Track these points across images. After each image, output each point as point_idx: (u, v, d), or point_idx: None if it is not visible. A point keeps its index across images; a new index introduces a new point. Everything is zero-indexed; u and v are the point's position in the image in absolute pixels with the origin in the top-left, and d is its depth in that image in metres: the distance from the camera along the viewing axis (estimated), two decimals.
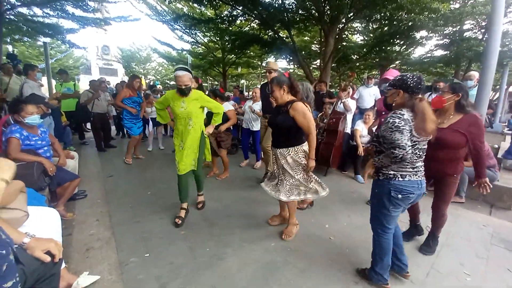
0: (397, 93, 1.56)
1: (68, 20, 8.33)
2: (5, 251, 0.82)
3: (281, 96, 2.03)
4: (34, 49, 18.15)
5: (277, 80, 2.03)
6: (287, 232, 2.28)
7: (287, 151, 2.09)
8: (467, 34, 10.44)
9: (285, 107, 2.03)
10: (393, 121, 1.47)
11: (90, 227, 2.40)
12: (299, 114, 1.98)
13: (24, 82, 3.75)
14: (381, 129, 1.59)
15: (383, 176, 1.61)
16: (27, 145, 2.32)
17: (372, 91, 5.56)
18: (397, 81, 1.56)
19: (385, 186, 1.60)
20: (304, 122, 1.99)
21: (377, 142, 1.63)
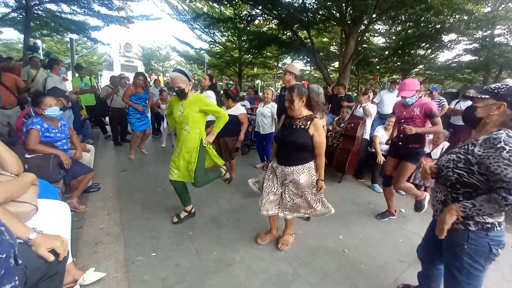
0: (498, 106, 1.13)
1: (94, 17, 8.63)
2: (6, 254, 0.79)
3: (299, 107, 1.86)
4: (62, 45, 19.08)
5: (299, 89, 1.85)
6: (284, 242, 2.16)
7: (302, 168, 1.90)
8: (497, 40, 9.76)
9: (301, 121, 1.87)
10: (511, 149, 1.02)
11: (101, 221, 2.41)
12: (318, 133, 1.84)
13: (47, 76, 3.88)
14: (476, 151, 1.11)
15: (477, 226, 1.15)
16: (46, 137, 2.36)
17: (395, 95, 5.26)
18: (502, 90, 1.13)
19: (482, 241, 1.16)
20: (320, 142, 1.86)
21: (466, 169, 1.14)
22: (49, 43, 17.62)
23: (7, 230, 0.86)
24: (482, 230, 1.15)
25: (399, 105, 2.65)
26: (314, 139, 1.85)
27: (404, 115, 2.52)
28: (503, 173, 1.03)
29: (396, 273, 1.98)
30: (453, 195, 1.21)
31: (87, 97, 5.32)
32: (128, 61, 23.01)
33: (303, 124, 1.85)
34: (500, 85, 1.17)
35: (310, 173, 1.92)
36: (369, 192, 3.70)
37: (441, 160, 1.28)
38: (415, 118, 2.44)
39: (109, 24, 8.99)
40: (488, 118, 1.17)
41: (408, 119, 2.49)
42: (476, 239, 1.16)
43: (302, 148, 1.87)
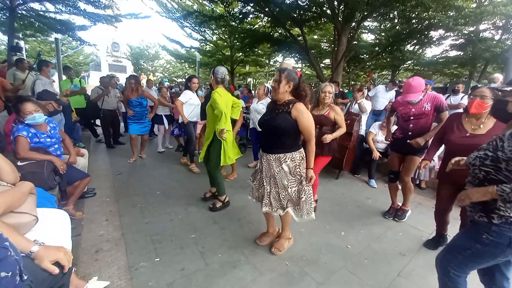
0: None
1: (80, 16, 8.32)
2: (12, 272, 0.75)
3: (283, 91, 1.76)
4: (45, 45, 18.43)
5: (289, 73, 1.76)
6: (277, 246, 2.06)
7: (283, 157, 1.81)
8: (483, 35, 10.06)
9: (283, 106, 1.78)
10: None
11: (99, 227, 2.34)
12: (303, 116, 1.72)
13: (36, 79, 3.72)
14: (506, 147, 1.07)
15: (501, 220, 1.12)
16: (36, 143, 2.25)
17: (390, 94, 5.38)
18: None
19: (504, 235, 1.12)
20: (307, 125, 1.74)
21: (493, 166, 1.10)
22: (33, 43, 16.99)
23: (11, 246, 0.81)
24: (505, 224, 1.12)
25: (403, 103, 2.49)
26: (299, 123, 1.73)
27: (414, 112, 2.40)
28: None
29: (399, 267, 2.01)
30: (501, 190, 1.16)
31: (76, 99, 5.15)
32: (116, 61, 22.41)
33: (285, 108, 1.76)
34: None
35: (294, 163, 1.82)
36: (366, 187, 3.75)
37: (469, 158, 1.25)
38: (426, 114, 2.36)
39: (96, 23, 8.71)
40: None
41: (418, 116, 2.39)
42: (498, 232, 1.13)
43: (284, 134, 1.78)
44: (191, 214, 2.65)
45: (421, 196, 3.47)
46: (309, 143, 1.80)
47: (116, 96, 5.34)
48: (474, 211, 1.22)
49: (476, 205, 1.20)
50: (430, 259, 2.13)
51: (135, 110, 4.15)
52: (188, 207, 2.77)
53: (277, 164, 1.84)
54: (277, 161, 1.83)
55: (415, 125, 2.44)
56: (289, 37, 8.49)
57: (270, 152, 1.87)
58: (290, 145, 1.82)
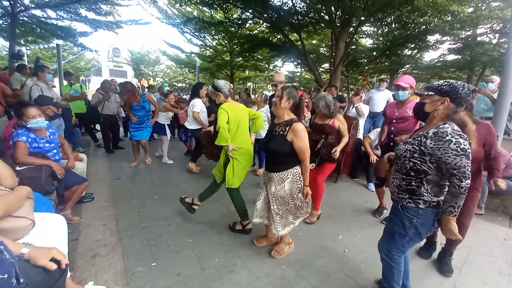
0: (442, 101, 1.26)
1: (81, 23, 8.46)
2: (8, 274, 0.76)
3: (284, 106, 1.82)
4: (47, 51, 18.62)
5: (290, 91, 1.83)
6: (277, 250, 2.09)
7: (285, 174, 1.86)
8: (480, 39, 10.16)
9: (280, 127, 1.83)
10: (457, 141, 1.16)
11: (97, 232, 2.35)
12: (297, 139, 1.76)
13: (33, 84, 3.75)
14: (428, 144, 1.26)
15: (425, 204, 1.33)
16: (35, 148, 2.27)
17: (384, 94, 5.43)
18: (444, 87, 1.26)
19: (428, 216, 1.34)
20: (301, 148, 1.78)
21: (420, 159, 1.29)
22: (34, 49, 17.15)
23: (6, 249, 0.82)
24: (429, 207, 1.33)
25: (391, 105, 2.68)
26: (294, 145, 1.78)
27: (396, 115, 2.55)
28: (453, 162, 1.19)
29: None
30: (406, 180, 1.38)
31: (77, 104, 5.19)
32: (116, 66, 22.58)
33: (282, 130, 1.81)
34: (442, 82, 1.29)
35: (294, 179, 1.87)
36: (364, 191, 3.76)
37: (399, 150, 1.41)
38: (407, 119, 2.48)
39: (97, 30, 8.84)
40: (435, 112, 1.30)
41: (400, 119, 2.53)
42: (423, 215, 1.34)
43: (283, 155, 1.83)
44: (189, 218, 2.65)
45: None
46: (302, 163, 1.84)
47: (117, 101, 5.39)
48: (402, 197, 1.42)
49: (404, 192, 1.40)
50: (426, 262, 2.15)
51: (137, 114, 4.16)
52: (186, 212, 2.77)
53: (280, 182, 1.88)
54: (280, 179, 1.88)
55: (396, 127, 2.55)
56: (287, 42, 8.59)
57: (272, 171, 1.91)
58: (291, 162, 1.87)
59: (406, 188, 1.38)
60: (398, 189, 1.44)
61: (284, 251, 2.10)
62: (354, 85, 17.76)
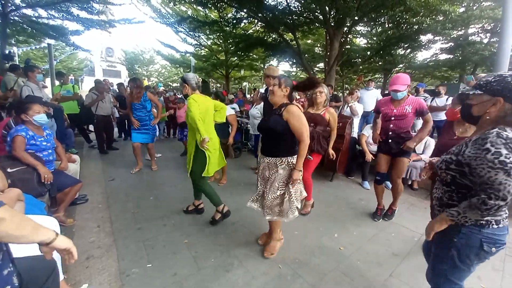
0: (493, 102, 1.03)
1: (73, 22, 8.33)
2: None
3: (280, 94, 1.85)
4: (38, 51, 18.25)
5: (286, 80, 1.88)
6: (269, 249, 2.05)
7: (280, 161, 1.86)
8: (472, 38, 10.35)
9: (276, 110, 1.88)
10: (497, 151, 0.94)
11: (91, 234, 2.31)
12: (293, 117, 1.77)
13: (23, 85, 3.67)
14: (466, 152, 1.05)
15: (470, 222, 1.10)
16: (32, 145, 2.28)
17: (373, 93, 5.54)
18: (494, 85, 1.02)
19: (473, 237, 1.11)
20: (298, 127, 1.77)
21: (458, 171, 1.09)
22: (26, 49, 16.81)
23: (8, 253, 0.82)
24: (475, 226, 1.10)
25: (386, 103, 2.59)
26: (290, 124, 1.78)
27: (395, 113, 2.49)
28: (486, 176, 0.98)
29: (391, 267, 2.03)
30: (448, 194, 1.19)
31: (70, 104, 5.10)
32: (110, 66, 22.35)
33: (278, 111, 1.85)
34: (491, 78, 1.05)
35: (289, 168, 1.86)
36: (359, 189, 3.79)
37: (437, 161, 1.24)
38: (406, 116, 2.45)
39: (89, 29, 8.70)
40: (487, 115, 1.07)
41: (399, 117, 2.48)
42: (467, 234, 1.12)
43: (279, 137, 1.83)
44: (185, 218, 2.64)
45: (413, 197, 3.51)
46: (300, 143, 1.80)
47: (111, 101, 5.32)
48: (443, 211, 1.19)
49: (444, 206, 1.19)
50: (422, 259, 2.16)
51: (137, 114, 3.88)
52: (182, 212, 2.76)
53: (273, 167, 1.88)
54: (273, 164, 1.88)
55: (395, 125, 2.52)
56: (282, 41, 8.61)
57: (267, 155, 1.92)
58: (287, 150, 1.86)
59: (447, 202, 1.18)
60: (439, 202, 1.24)
61: (276, 249, 2.07)
62: (349, 85, 17.90)
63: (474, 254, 1.12)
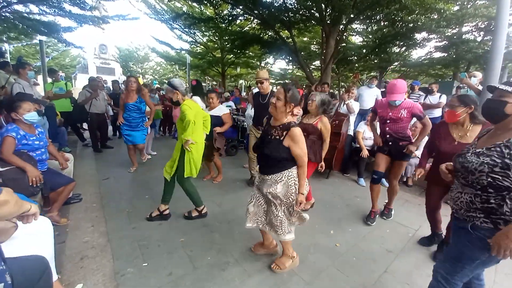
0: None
1: (65, 18, 8.14)
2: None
3: (283, 111, 1.66)
4: (30, 47, 17.90)
5: (293, 94, 1.64)
6: (279, 263, 1.90)
7: (280, 176, 1.71)
8: (465, 37, 10.44)
9: (277, 131, 1.69)
10: None
11: (85, 234, 2.29)
12: (295, 145, 1.64)
13: (14, 83, 3.60)
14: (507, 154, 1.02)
15: (506, 224, 1.08)
16: (24, 145, 2.22)
17: (374, 92, 5.52)
18: None
19: None
20: (299, 154, 1.65)
21: (502, 173, 1.06)
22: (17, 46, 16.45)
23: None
24: None
25: (383, 105, 2.58)
26: (292, 152, 1.65)
27: (390, 116, 2.50)
28: None
29: (386, 263, 2.06)
30: (483, 197, 1.14)
31: (62, 102, 5.02)
32: (104, 63, 21.98)
33: (279, 135, 1.67)
34: None
35: (289, 183, 1.71)
36: (355, 186, 3.82)
37: (470, 162, 1.16)
38: (402, 119, 2.47)
39: (82, 25, 8.53)
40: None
41: (394, 120, 2.50)
42: None
43: (278, 160, 1.69)
44: (180, 217, 2.62)
45: (408, 194, 3.56)
46: (300, 168, 1.71)
47: (105, 99, 5.24)
48: (475, 216, 1.17)
49: (478, 210, 1.16)
50: (416, 255, 2.21)
51: (131, 115, 3.79)
52: (177, 211, 2.74)
53: (273, 183, 1.74)
54: (273, 180, 1.74)
55: (391, 128, 2.55)
56: (278, 39, 8.57)
57: (266, 173, 1.77)
58: (286, 165, 1.73)
59: (482, 206, 1.14)
60: (468, 207, 1.19)
61: (286, 265, 1.89)
62: (345, 82, 17.96)
63: None
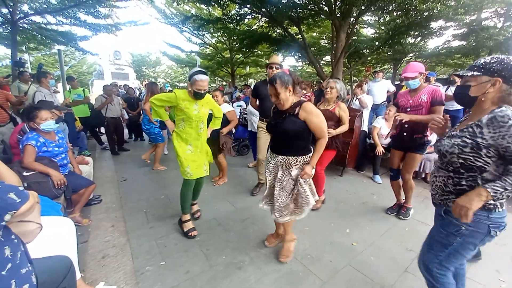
0: (493, 83, 1.05)
1: (81, 27, 8.51)
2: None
3: (287, 98, 1.65)
4: (49, 57, 18.81)
5: (281, 79, 1.62)
6: (284, 253, 1.96)
7: (294, 160, 1.73)
8: (485, 23, 9.86)
9: (290, 109, 1.68)
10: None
11: (105, 233, 2.38)
12: (312, 115, 1.63)
13: (36, 90, 3.80)
14: (486, 134, 1.04)
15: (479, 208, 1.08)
16: (44, 152, 2.31)
17: (382, 84, 5.37)
18: (494, 65, 1.05)
19: (481, 223, 1.10)
20: (318, 124, 1.66)
21: (473, 153, 1.07)
22: (37, 56, 17.36)
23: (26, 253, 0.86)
24: (483, 211, 1.09)
25: (404, 94, 2.50)
26: (310, 123, 1.65)
27: (411, 103, 2.38)
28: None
29: (406, 263, 1.99)
30: (455, 180, 1.16)
31: (81, 108, 5.24)
32: (118, 69, 22.75)
33: (292, 111, 1.67)
34: (489, 59, 1.07)
35: (302, 167, 1.75)
36: (371, 183, 3.72)
37: (443, 145, 1.18)
38: (422, 106, 2.32)
39: (97, 33, 8.87)
40: (484, 96, 1.08)
41: (414, 107, 2.36)
42: (476, 221, 1.09)
43: (295, 137, 1.70)
44: (195, 217, 2.66)
45: (427, 190, 3.41)
46: (321, 139, 1.71)
47: (119, 103, 5.43)
48: (448, 199, 1.18)
49: (450, 193, 1.18)
50: None
51: None
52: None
53: (287, 167, 1.75)
54: (287, 163, 1.75)
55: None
56: (287, 36, 8.47)
57: (280, 153, 1.77)
58: (301, 148, 1.74)
59: (454, 188, 1.15)
60: (442, 190, 1.21)
61: (291, 250, 1.98)
62: (357, 77, 17.50)
63: (479, 240, 1.12)
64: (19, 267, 0.93)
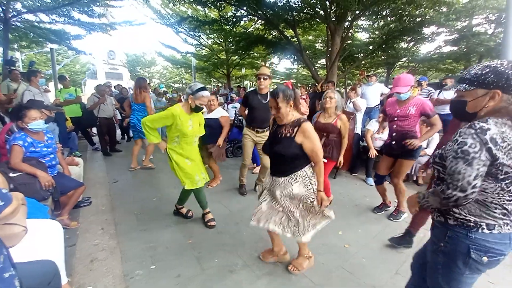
0: (490, 96, 0.94)
1: (74, 26, 8.39)
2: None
3: (287, 113, 1.61)
4: (41, 55, 18.48)
5: (284, 93, 1.57)
6: (296, 265, 1.86)
7: (294, 177, 1.66)
8: (476, 29, 10.12)
9: (287, 128, 1.62)
10: (463, 141, 0.92)
11: (95, 236, 2.32)
12: (308, 140, 1.58)
13: (25, 89, 3.72)
14: (448, 146, 1.02)
15: (456, 222, 1.02)
16: (32, 152, 2.25)
17: (375, 88, 5.44)
18: (488, 76, 0.93)
19: (460, 241, 1.01)
20: (314, 149, 1.59)
21: (441, 165, 1.05)
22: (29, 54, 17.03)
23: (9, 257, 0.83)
24: (460, 228, 1.01)
25: (391, 103, 2.54)
26: (305, 148, 1.60)
27: (398, 113, 2.43)
28: (449, 166, 0.96)
29: (397, 265, 2.00)
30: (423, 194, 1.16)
31: (72, 108, 5.14)
32: (112, 68, 22.51)
33: (289, 132, 1.61)
34: (481, 70, 0.96)
35: (304, 182, 1.67)
36: (363, 186, 3.75)
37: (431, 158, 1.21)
38: (409, 117, 2.38)
39: (91, 32, 8.75)
40: (483, 110, 0.98)
41: (402, 117, 2.42)
42: (453, 238, 1.03)
43: (291, 159, 1.64)
44: (188, 219, 2.63)
45: None
46: (317, 165, 1.65)
47: (112, 104, 5.35)
48: (433, 212, 1.14)
49: (433, 208, 1.15)
50: None
51: (140, 115, 4.00)
52: None
53: (286, 185, 1.68)
54: (286, 182, 1.69)
55: (398, 126, 2.47)
56: (283, 39, 8.54)
57: (278, 176, 1.71)
58: (299, 164, 1.68)
59: None
60: None
61: (303, 266, 1.86)
62: (351, 80, 17.71)
63: (462, 262, 1.01)
64: (2, 271, 0.89)
